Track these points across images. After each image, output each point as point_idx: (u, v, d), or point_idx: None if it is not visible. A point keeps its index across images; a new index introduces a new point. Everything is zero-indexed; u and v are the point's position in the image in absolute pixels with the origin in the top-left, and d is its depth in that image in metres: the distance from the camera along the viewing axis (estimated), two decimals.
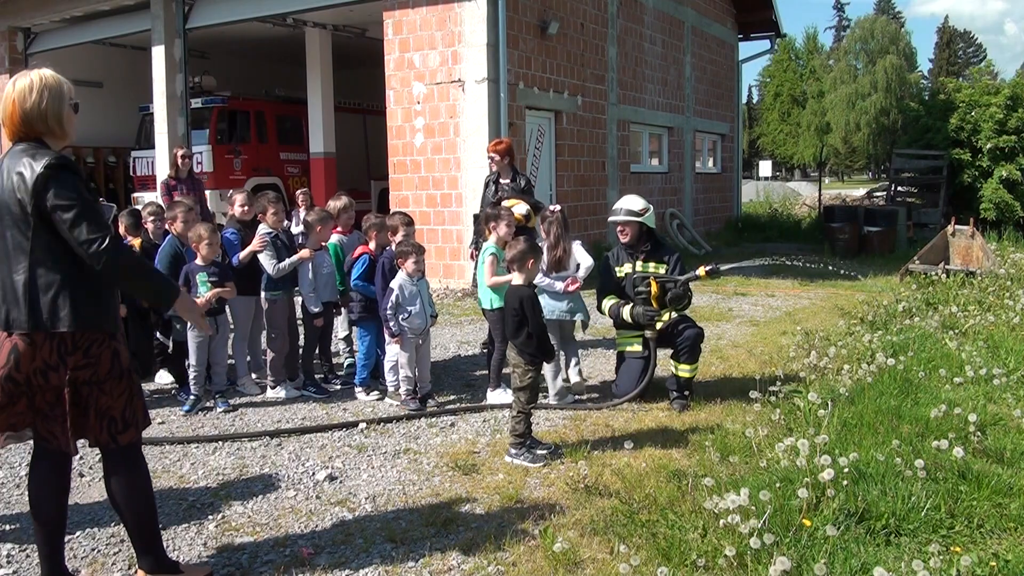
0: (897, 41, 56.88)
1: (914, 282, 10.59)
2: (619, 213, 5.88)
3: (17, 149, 3.01)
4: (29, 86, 3.01)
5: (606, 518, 3.80)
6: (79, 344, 3.01)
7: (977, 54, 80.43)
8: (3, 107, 3.04)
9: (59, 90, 3.06)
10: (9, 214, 2.96)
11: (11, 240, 2.97)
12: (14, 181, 2.93)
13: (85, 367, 3.03)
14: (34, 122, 3.02)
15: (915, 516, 3.57)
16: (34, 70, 3.08)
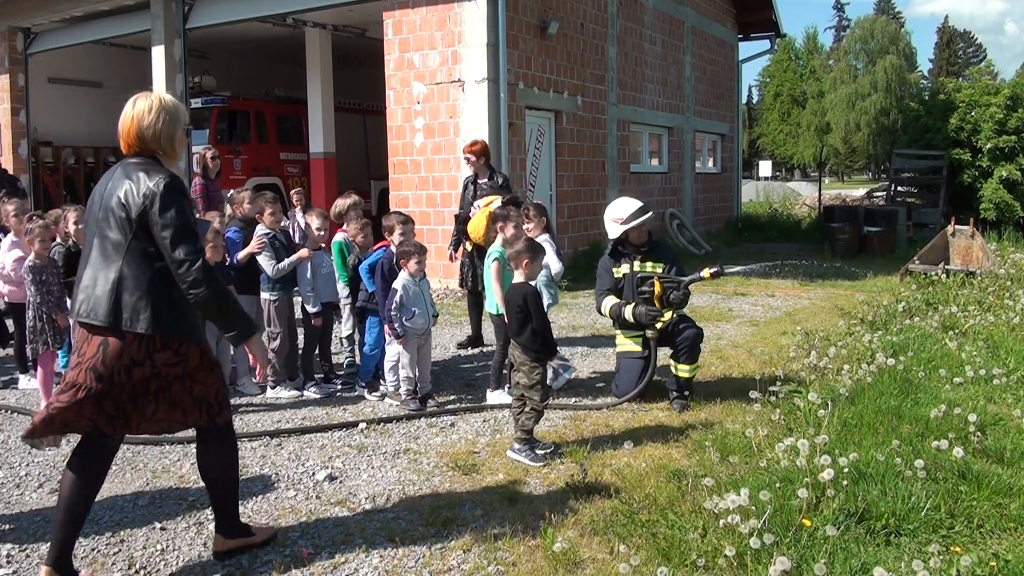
0: (897, 41, 56.88)
1: (914, 282, 10.59)
2: (631, 219, 5.75)
3: (132, 161, 3.30)
4: (149, 107, 3.31)
5: (606, 518, 3.80)
6: (168, 344, 3.21)
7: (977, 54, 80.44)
8: (122, 123, 3.33)
9: (175, 114, 3.35)
10: (114, 217, 3.18)
11: (110, 241, 3.19)
12: (127, 188, 3.19)
13: (176, 364, 3.24)
14: (148, 140, 3.30)
15: (915, 516, 3.57)
16: (154, 93, 3.38)
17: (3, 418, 5.84)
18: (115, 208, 3.18)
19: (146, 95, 3.37)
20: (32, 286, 5.83)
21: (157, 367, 3.20)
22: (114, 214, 3.18)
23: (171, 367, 3.23)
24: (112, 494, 4.32)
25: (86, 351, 3.19)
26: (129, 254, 3.16)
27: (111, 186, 3.26)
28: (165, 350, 3.20)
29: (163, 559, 3.57)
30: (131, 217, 3.16)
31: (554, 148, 13.22)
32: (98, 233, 3.23)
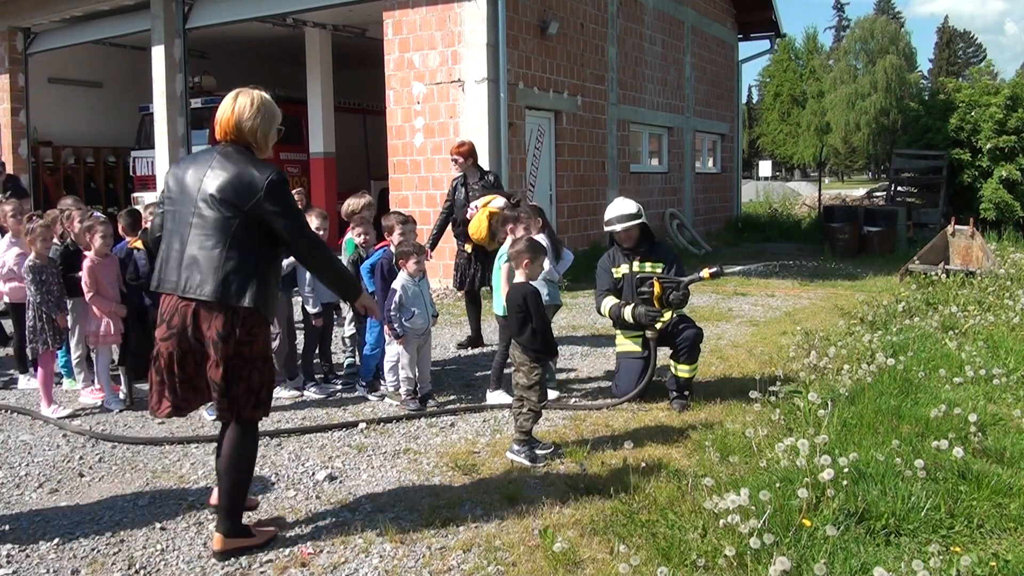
0: (897, 41, 56.89)
1: (914, 282, 10.59)
2: (616, 221, 5.80)
3: (231, 149, 3.54)
4: (249, 103, 3.56)
5: (606, 518, 3.80)
6: (246, 322, 3.43)
7: (977, 54, 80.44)
8: (222, 114, 3.57)
9: (272, 113, 3.63)
10: (216, 199, 3.42)
11: (212, 219, 3.43)
12: (232, 176, 3.44)
13: (247, 343, 3.45)
14: (244, 133, 3.55)
15: (915, 516, 3.57)
16: (255, 90, 3.62)
17: (3, 418, 5.84)
18: (223, 191, 3.42)
19: (247, 91, 3.61)
20: (32, 286, 5.83)
21: (236, 345, 3.42)
22: (219, 197, 3.42)
23: (243, 346, 3.44)
24: (112, 494, 4.32)
25: (175, 321, 3.44)
26: (236, 236, 3.41)
27: (209, 172, 3.47)
28: (242, 328, 3.42)
29: (163, 559, 3.57)
30: (241, 202, 3.42)
31: (554, 148, 13.22)
32: (197, 214, 3.45)
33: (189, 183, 3.51)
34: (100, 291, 5.85)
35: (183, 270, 3.43)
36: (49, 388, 5.84)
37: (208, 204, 3.44)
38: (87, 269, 5.81)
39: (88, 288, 5.81)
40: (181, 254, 3.45)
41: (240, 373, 3.46)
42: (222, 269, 3.38)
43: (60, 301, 5.92)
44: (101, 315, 5.86)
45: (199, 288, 3.38)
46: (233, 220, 3.42)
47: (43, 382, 5.84)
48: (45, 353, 5.87)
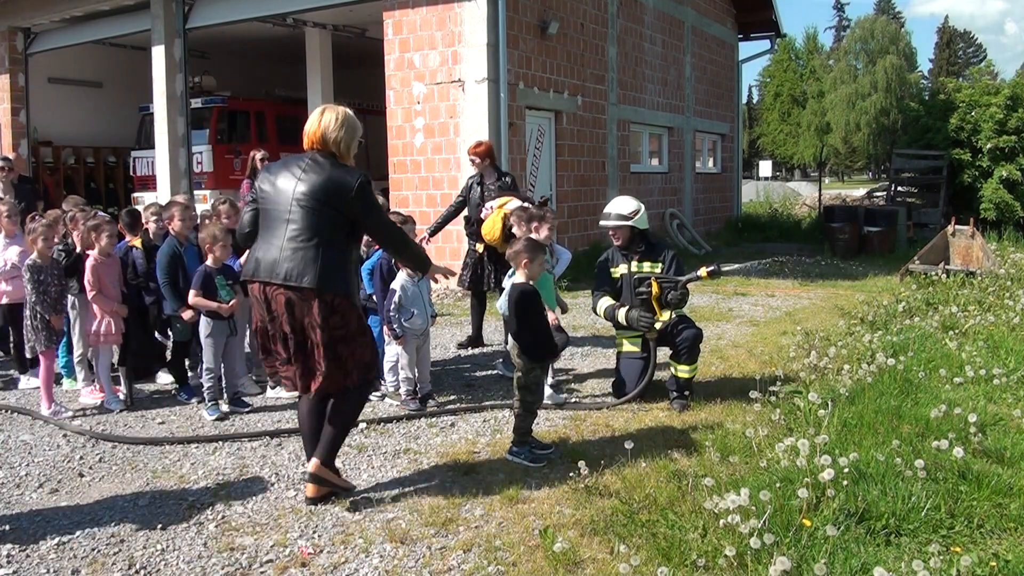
0: (897, 41, 56.89)
1: (914, 282, 10.58)
2: (609, 217, 5.84)
3: (320, 159, 4.03)
4: (335, 118, 4.06)
5: (606, 518, 3.80)
6: (336, 309, 3.90)
7: (977, 54, 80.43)
8: (310, 125, 4.07)
9: (355, 128, 4.14)
10: (310, 199, 3.90)
11: (307, 216, 3.90)
12: (324, 180, 3.94)
13: (341, 327, 3.93)
14: (329, 144, 4.04)
15: (915, 516, 3.57)
16: (340, 107, 4.15)
17: (3, 418, 5.84)
18: (314, 193, 3.91)
19: (333, 107, 4.13)
20: (29, 284, 5.83)
21: (331, 329, 3.89)
22: (312, 197, 3.90)
23: (337, 330, 3.91)
24: (112, 494, 4.33)
25: (276, 309, 3.90)
26: (323, 232, 3.89)
27: (303, 176, 3.96)
28: (334, 315, 3.89)
29: (163, 559, 3.57)
30: (331, 203, 3.91)
31: (554, 148, 13.22)
32: (291, 213, 3.91)
33: (282, 186, 3.98)
34: (102, 290, 5.85)
35: (281, 263, 3.86)
36: (50, 387, 5.84)
37: (301, 204, 3.90)
38: (90, 268, 5.82)
39: (91, 287, 5.81)
40: (279, 249, 3.88)
41: (341, 351, 3.93)
42: (318, 261, 3.84)
43: (57, 302, 5.91)
44: (102, 314, 5.86)
45: (299, 278, 3.82)
46: (325, 214, 3.89)
47: (44, 381, 5.85)
48: (46, 352, 5.87)
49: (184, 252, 6.05)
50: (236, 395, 5.96)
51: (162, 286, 5.97)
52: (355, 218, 4.00)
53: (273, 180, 4.04)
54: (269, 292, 3.90)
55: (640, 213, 5.83)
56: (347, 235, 4.03)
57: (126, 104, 17.47)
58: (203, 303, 5.67)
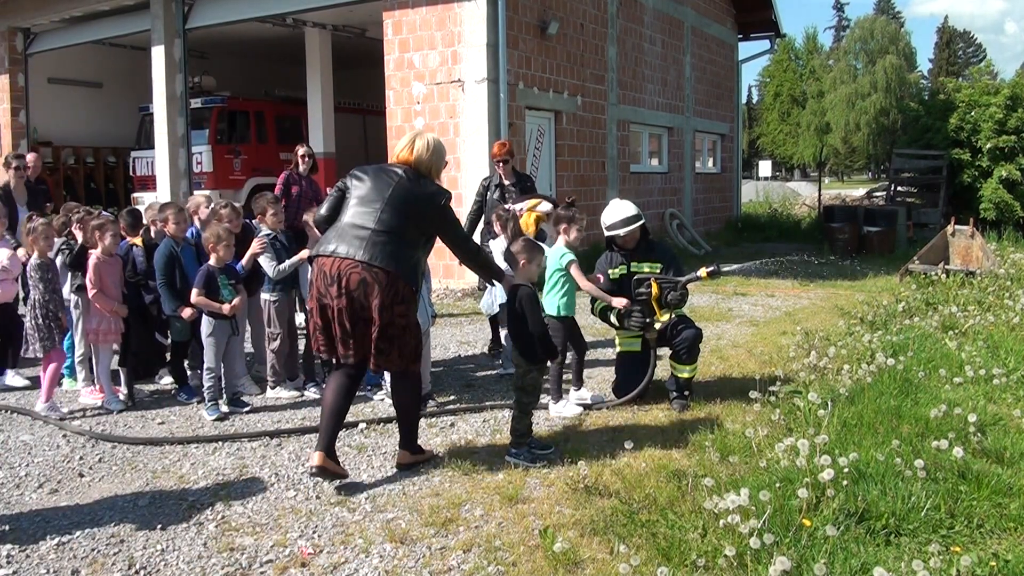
0: (897, 41, 56.84)
1: (914, 282, 10.58)
2: (620, 225, 5.73)
3: (413, 171, 4.51)
4: (426, 146, 4.54)
5: (606, 518, 3.80)
6: (405, 299, 4.32)
7: (977, 54, 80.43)
8: (404, 147, 4.56)
9: (442, 153, 4.65)
10: (402, 202, 4.38)
11: (395, 216, 4.34)
12: (419, 187, 4.46)
13: (405, 315, 4.35)
14: (420, 166, 4.53)
15: (915, 516, 3.57)
16: (429, 134, 4.64)
17: (3, 418, 5.84)
18: (406, 199, 4.39)
19: (422, 135, 4.59)
20: (41, 284, 5.85)
21: (394, 316, 4.28)
22: (403, 203, 4.38)
23: (401, 317, 4.32)
24: (112, 494, 4.33)
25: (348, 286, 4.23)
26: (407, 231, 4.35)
27: (400, 181, 4.43)
28: (402, 303, 4.30)
29: (163, 559, 3.57)
30: (419, 211, 4.42)
31: (554, 148, 13.22)
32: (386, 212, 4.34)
33: (377, 186, 4.42)
34: (103, 289, 5.85)
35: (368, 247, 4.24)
36: (53, 385, 5.82)
37: (393, 205, 4.35)
38: (92, 266, 5.82)
39: (92, 285, 5.81)
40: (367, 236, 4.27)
41: (400, 336, 4.34)
42: (400, 253, 4.29)
43: (63, 298, 5.94)
44: (102, 313, 5.86)
45: (383, 262, 4.22)
46: (409, 218, 4.36)
47: (50, 378, 5.86)
48: (53, 351, 5.86)
49: (181, 252, 6.06)
50: (236, 395, 5.96)
51: (159, 286, 5.99)
52: (436, 228, 4.52)
53: (368, 179, 4.47)
54: (344, 268, 4.22)
55: (639, 210, 5.85)
56: (424, 242, 4.52)
57: (126, 104, 17.48)
58: (205, 302, 5.67)
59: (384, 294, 4.22)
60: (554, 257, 5.64)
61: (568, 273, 5.58)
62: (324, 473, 4.31)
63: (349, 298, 4.22)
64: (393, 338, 4.31)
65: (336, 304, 4.24)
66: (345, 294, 4.21)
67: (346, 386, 4.44)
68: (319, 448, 4.33)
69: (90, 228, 6.05)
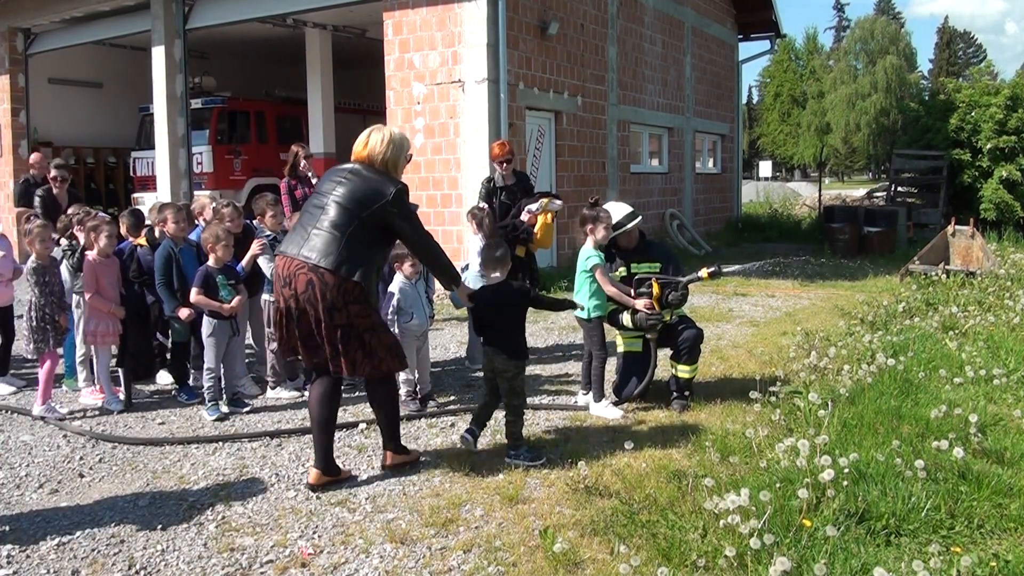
0: (897, 41, 56.84)
1: (914, 282, 10.58)
2: (625, 221, 5.74)
3: (361, 167, 4.33)
4: (383, 139, 4.36)
5: (606, 518, 3.80)
6: (358, 297, 4.13)
7: (977, 54, 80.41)
8: (359, 143, 4.41)
9: (401, 146, 4.41)
10: (348, 200, 4.18)
11: (340, 212, 4.16)
12: (364, 181, 4.25)
13: (364, 316, 4.17)
14: (376, 162, 4.35)
15: (915, 516, 3.57)
16: (387, 127, 4.46)
17: (3, 419, 5.84)
18: (352, 196, 4.20)
19: (379, 128, 4.43)
20: (36, 287, 5.84)
21: (352, 317, 4.13)
22: (349, 199, 4.19)
23: (361, 319, 4.16)
24: (112, 494, 4.33)
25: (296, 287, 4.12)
26: (351, 228, 4.15)
27: (345, 180, 4.26)
28: (357, 303, 4.13)
29: (163, 559, 3.57)
30: (368, 205, 4.18)
31: (554, 148, 13.22)
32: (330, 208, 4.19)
33: (326, 188, 4.29)
34: (100, 291, 5.85)
35: (308, 243, 4.13)
36: (49, 386, 5.82)
37: (336, 202, 4.19)
38: (87, 268, 5.82)
39: (88, 287, 5.82)
40: (309, 234, 4.16)
41: (369, 339, 4.20)
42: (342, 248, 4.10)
43: (61, 301, 5.93)
44: (100, 315, 5.86)
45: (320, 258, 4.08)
46: (358, 213, 4.17)
47: (45, 380, 5.85)
48: (48, 353, 5.86)
49: (180, 253, 6.07)
50: (236, 395, 5.97)
51: (158, 287, 6.00)
52: (388, 221, 4.25)
53: (321, 183, 4.39)
54: (293, 269, 4.12)
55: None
56: (380, 238, 4.29)
57: (126, 105, 17.48)
58: (205, 302, 5.67)
59: (332, 295, 4.08)
60: (581, 259, 5.64)
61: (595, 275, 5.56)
62: (321, 489, 4.30)
63: (297, 300, 4.13)
64: (352, 340, 4.16)
65: (290, 305, 4.17)
66: (294, 296, 4.13)
67: (327, 394, 4.35)
68: (316, 465, 4.35)
69: (85, 230, 6.06)
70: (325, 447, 4.35)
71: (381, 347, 4.25)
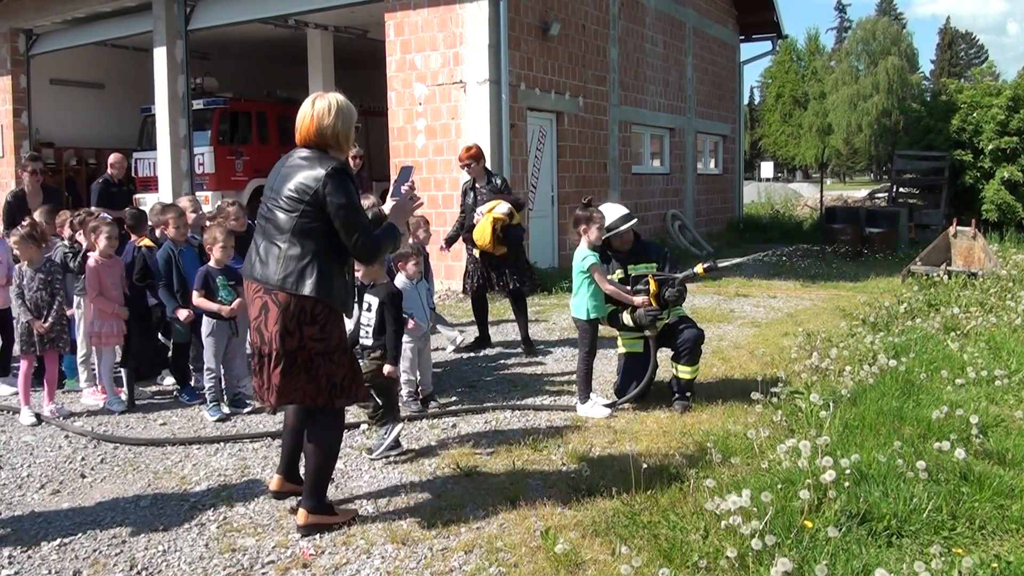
0: (899, 42, 56.85)
1: (916, 283, 10.58)
2: (620, 223, 5.76)
3: (304, 154, 3.68)
4: (327, 107, 3.67)
5: (608, 519, 3.80)
6: (316, 318, 3.59)
7: (979, 55, 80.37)
8: (301, 120, 3.70)
9: (349, 114, 3.74)
10: (284, 198, 3.59)
11: (278, 216, 3.61)
12: (300, 175, 3.59)
13: (320, 340, 3.61)
14: (326, 136, 3.67)
15: (917, 517, 3.57)
16: (331, 94, 3.74)
17: (4, 419, 5.84)
18: (288, 191, 3.59)
19: (323, 95, 3.73)
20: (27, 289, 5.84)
21: (304, 340, 3.59)
22: (286, 197, 3.59)
23: (315, 342, 3.60)
24: (114, 495, 4.33)
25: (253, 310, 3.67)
26: (295, 230, 3.58)
27: (282, 176, 3.67)
28: (313, 324, 3.59)
29: (164, 560, 3.57)
30: (303, 199, 3.57)
31: (555, 149, 13.22)
32: (271, 212, 3.66)
33: (268, 185, 3.77)
34: (103, 292, 5.85)
35: (256, 261, 3.69)
36: (27, 388, 5.78)
37: (274, 203, 3.66)
38: (90, 269, 5.82)
39: (91, 289, 5.82)
40: (255, 248, 3.71)
41: (318, 368, 3.66)
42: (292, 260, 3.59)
43: (39, 307, 5.84)
44: (104, 316, 5.86)
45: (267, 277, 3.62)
46: (295, 213, 3.60)
47: (49, 380, 5.87)
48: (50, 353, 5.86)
49: (180, 254, 6.08)
50: (237, 396, 5.97)
51: (159, 288, 6.01)
52: (327, 210, 3.59)
53: (268, 180, 3.84)
54: (251, 294, 3.68)
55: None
56: (326, 232, 3.62)
57: (128, 105, 17.49)
58: (205, 304, 5.68)
59: (284, 318, 3.55)
60: (576, 260, 5.62)
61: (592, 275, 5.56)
62: (282, 496, 4.07)
63: (256, 324, 3.66)
64: (301, 366, 3.62)
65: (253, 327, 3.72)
66: (254, 321, 3.69)
67: (296, 423, 4.00)
68: (278, 470, 4.12)
69: (85, 231, 6.06)
70: (291, 454, 4.06)
71: (325, 377, 3.66)
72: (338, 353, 3.68)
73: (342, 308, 3.72)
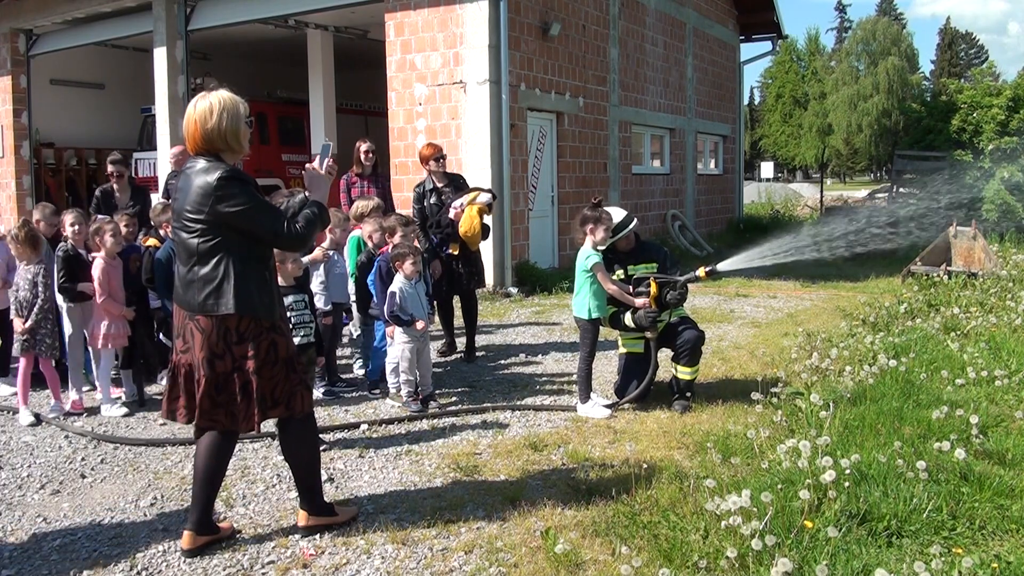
0: (899, 42, 56.84)
1: (916, 283, 10.58)
2: (623, 225, 5.76)
3: (198, 166, 3.41)
4: (209, 109, 3.39)
5: (608, 519, 3.80)
6: (244, 336, 3.42)
7: (979, 55, 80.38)
8: (186, 127, 3.45)
9: (236, 111, 3.44)
10: (185, 220, 3.38)
11: (186, 241, 3.41)
12: (192, 192, 3.35)
13: (255, 356, 3.45)
14: (214, 140, 3.41)
15: (917, 517, 3.57)
16: (212, 92, 3.45)
17: (4, 419, 5.85)
18: (188, 211, 3.37)
19: (204, 96, 3.46)
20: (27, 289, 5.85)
21: (236, 359, 3.44)
22: (187, 216, 3.38)
23: (246, 360, 3.44)
24: (114, 495, 4.33)
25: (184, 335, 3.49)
26: (199, 250, 3.39)
27: (182, 190, 3.44)
28: (241, 343, 3.43)
29: (165, 560, 3.57)
30: (200, 216, 3.35)
31: (556, 149, 13.22)
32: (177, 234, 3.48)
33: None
34: (111, 293, 5.86)
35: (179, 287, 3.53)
36: (26, 389, 5.79)
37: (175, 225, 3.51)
38: (100, 271, 5.82)
39: (101, 290, 5.81)
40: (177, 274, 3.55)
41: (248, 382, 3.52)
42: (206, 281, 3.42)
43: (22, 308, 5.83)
44: (110, 317, 5.86)
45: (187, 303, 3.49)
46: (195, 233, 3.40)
47: (50, 380, 5.87)
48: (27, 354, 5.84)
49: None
50: None
51: (159, 289, 6.03)
52: (226, 221, 3.35)
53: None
54: (180, 322, 3.53)
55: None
56: (234, 240, 3.40)
57: (128, 106, 17.50)
58: None
59: (210, 342, 3.41)
60: (580, 259, 5.62)
61: (595, 275, 5.56)
62: (195, 554, 3.56)
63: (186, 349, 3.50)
64: (239, 388, 3.47)
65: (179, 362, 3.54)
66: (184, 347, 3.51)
67: (218, 444, 3.63)
68: (188, 526, 3.60)
69: (89, 233, 6.05)
70: (205, 504, 3.61)
71: (273, 392, 3.54)
72: (279, 363, 3.52)
73: (268, 317, 3.48)
